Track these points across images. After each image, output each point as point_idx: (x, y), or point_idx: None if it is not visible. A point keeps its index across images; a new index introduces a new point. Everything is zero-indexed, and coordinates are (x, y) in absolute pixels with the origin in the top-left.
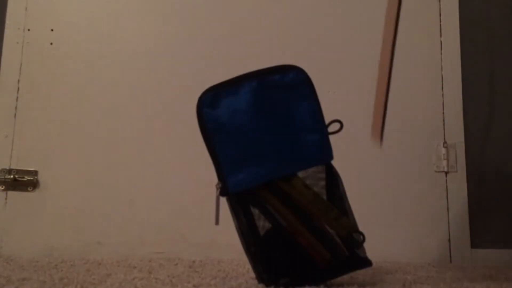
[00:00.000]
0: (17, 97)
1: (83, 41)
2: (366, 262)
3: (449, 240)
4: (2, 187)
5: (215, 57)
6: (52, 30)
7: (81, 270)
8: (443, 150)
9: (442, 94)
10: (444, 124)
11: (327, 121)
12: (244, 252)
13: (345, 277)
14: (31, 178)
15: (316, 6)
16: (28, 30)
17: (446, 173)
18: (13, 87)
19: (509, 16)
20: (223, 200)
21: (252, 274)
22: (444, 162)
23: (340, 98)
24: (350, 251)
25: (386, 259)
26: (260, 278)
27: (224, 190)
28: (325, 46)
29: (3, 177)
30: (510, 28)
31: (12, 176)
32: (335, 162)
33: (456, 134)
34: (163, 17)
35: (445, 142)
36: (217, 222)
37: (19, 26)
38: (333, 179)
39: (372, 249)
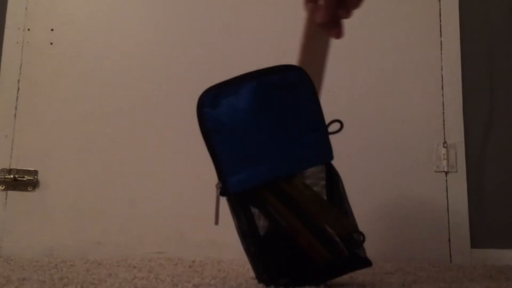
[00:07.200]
0: (17, 97)
1: (83, 41)
2: (366, 262)
3: (449, 240)
4: (2, 187)
5: (215, 57)
6: (52, 30)
7: (81, 270)
8: (443, 150)
9: (442, 94)
10: (444, 124)
11: (327, 121)
12: (244, 252)
13: (345, 277)
14: (31, 178)
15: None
16: (28, 30)
17: (446, 173)
18: (13, 87)
19: (509, 16)
20: (223, 200)
21: (252, 274)
22: (444, 162)
23: (340, 98)
24: (350, 251)
25: (386, 259)
26: (260, 278)
27: (224, 190)
28: None
29: (3, 177)
30: (510, 28)
31: (12, 176)
32: (335, 162)
33: (456, 134)
34: (163, 17)
35: (445, 142)
36: (217, 222)
37: (19, 26)
38: (333, 179)
39: (372, 249)
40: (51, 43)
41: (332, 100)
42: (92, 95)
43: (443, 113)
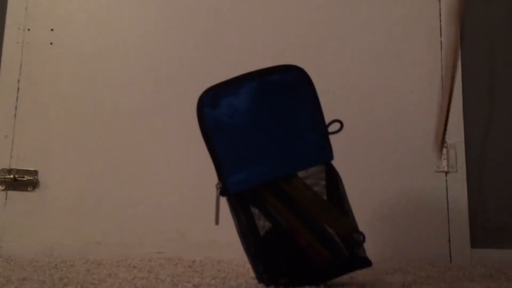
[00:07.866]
0: (17, 97)
1: (83, 41)
2: (366, 262)
3: (449, 240)
4: (2, 187)
5: (215, 57)
6: (52, 30)
7: (81, 270)
8: (443, 150)
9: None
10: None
11: (327, 121)
12: (244, 252)
13: (345, 277)
14: (31, 178)
15: (317, 6)
16: (28, 30)
17: (446, 173)
18: (13, 87)
19: (509, 16)
20: (223, 200)
21: (252, 274)
22: (444, 162)
23: (340, 98)
24: (350, 251)
25: (386, 259)
26: (260, 278)
27: (224, 190)
28: (325, 46)
29: (3, 177)
30: (510, 28)
31: (12, 176)
32: (335, 162)
33: (456, 134)
34: (163, 17)
35: (445, 142)
36: (217, 222)
37: (19, 26)
38: (333, 179)
39: (372, 249)
40: (51, 43)
41: (332, 100)
42: (92, 95)
43: None
